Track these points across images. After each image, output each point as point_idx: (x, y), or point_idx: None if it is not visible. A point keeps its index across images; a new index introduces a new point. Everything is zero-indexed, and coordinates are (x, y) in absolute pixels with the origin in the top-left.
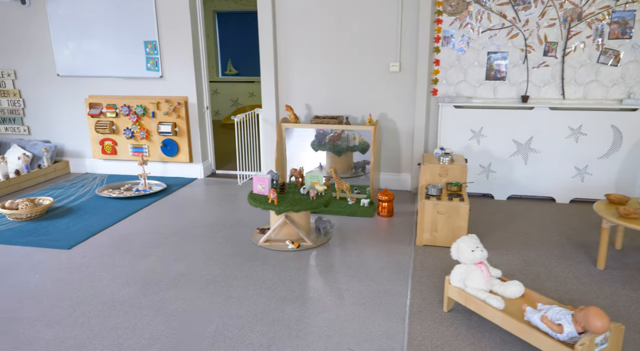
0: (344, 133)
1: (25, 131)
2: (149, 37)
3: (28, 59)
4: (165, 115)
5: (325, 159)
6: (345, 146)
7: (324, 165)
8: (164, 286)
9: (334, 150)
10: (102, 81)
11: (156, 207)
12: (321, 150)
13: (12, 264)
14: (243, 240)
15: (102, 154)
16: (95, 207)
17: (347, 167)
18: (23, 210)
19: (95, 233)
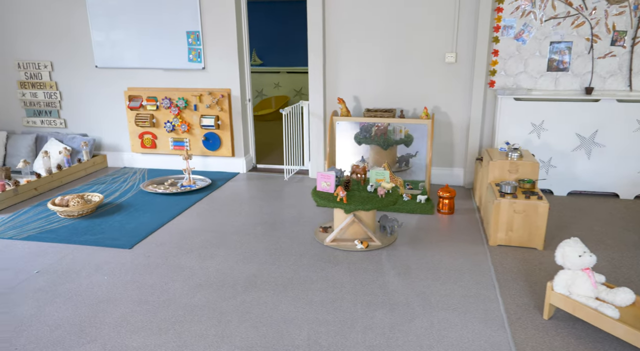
0: (390, 126)
1: (62, 124)
2: (192, 27)
3: (65, 50)
4: (207, 108)
5: (368, 153)
6: (391, 139)
7: (366, 158)
8: (240, 289)
9: (380, 144)
10: (141, 73)
11: (206, 203)
12: (365, 144)
13: (77, 264)
14: (306, 239)
15: (141, 148)
16: (144, 204)
17: (391, 161)
18: (74, 207)
19: (152, 232)
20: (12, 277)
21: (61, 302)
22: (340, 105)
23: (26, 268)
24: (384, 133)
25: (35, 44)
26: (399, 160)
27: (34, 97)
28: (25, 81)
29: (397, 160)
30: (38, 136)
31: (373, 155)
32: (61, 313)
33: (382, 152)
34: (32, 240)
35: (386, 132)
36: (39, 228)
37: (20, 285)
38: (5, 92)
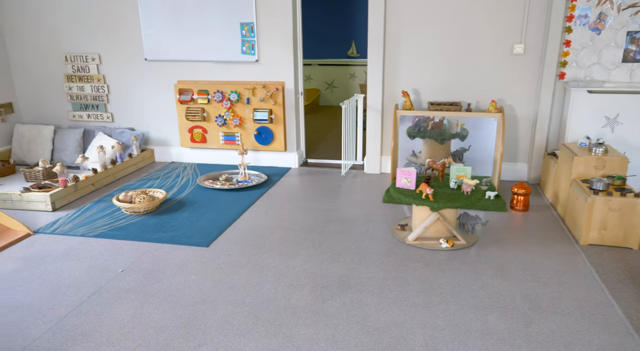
0: (445, 120)
1: (109, 118)
2: (246, 18)
3: (114, 42)
4: (261, 101)
5: (420, 147)
6: (447, 133)
7: (417, 152)
8: (336, 290)
9: (435, 138)
10: (192, 66)
11: (268, 199)
12: (419, 138)
13: (159, 263)
14: (385, 237)
15: (191, 142)
16: (206, 200)
17: (445, 156)
18: (141, 204)
19: (224, 229)
20: (99, 276)
21: (157, 303)
22: (404, 98)
23: (109, 267)
24: (440, 127)
25: (83, 36)
26: (453, 154)
27: (80, 90)
28: (72, 74)
29: (451, 155)
30: (85, 130)
31: (426, 150)
32: (160, 315)
33: (437, 146)
34: (105, 238)
35: (442, 125)
36: (108, 225)
37: (109, 284)
38: (51, 85)
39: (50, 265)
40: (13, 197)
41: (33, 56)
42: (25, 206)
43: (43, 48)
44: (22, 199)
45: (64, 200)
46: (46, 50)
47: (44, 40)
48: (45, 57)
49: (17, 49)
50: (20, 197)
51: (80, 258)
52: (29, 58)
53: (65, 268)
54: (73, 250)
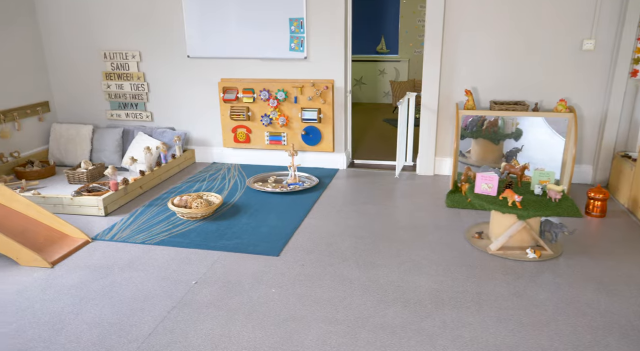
0: (500, 119)
1: (148, 117)
2: (296, 14)
3: (155, 38)
4: (309, 100)
5: (471, 147)
6: (502, 133)
7: (465, 152)
8: (431, 307)
9: (490, 138)
10: (237, 63)
11: (326, 203)
12: (471, 138)
13: (231, 274)
14: (463, 246)
15: (234, 142)
16: (260, 204)
17: (498, 156)
18: (199, 209)
19: (290, 237)
20: (173, 288)
21: (243, 319)
22: (467, 97)
23: (180, 278)
24: (495, 126)
25: (124, 32)
26: (506, 155)
27: (119, 88)
28: (111, 72)
29: (504, 155)
30: (125, 130)
31: (477, 150)
32: (250, 333)
33: (489, 146)
34: (167, 245)
35: (497, 125)
36: (167, 232)
37: (186, 297)
38: (89, 83)
39: (119, 275)
40: (64, 201)
41: (70, 53)
42: (76, 210)
43: (81, 45)
44: (73, 203)
45: (115, 204)
46: (84, 47)
47: (82, 37)
48: (83, 54)
49: (54, 46)
50: (71, 200)
51: (148, 268)
52: (66, 55)
53: (136, 280)
54: (138, 259)
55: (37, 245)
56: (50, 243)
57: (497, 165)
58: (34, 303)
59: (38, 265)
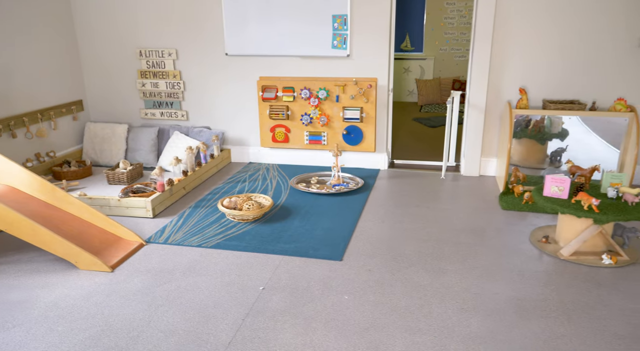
0: (546, 119)
1: (184, 116)
2: (339, 10)
3: (193, 36)
4: (352, 99)
5: (514, 147)
6: (548, 133)
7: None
8: (514, 316)
9: (536, 138)
10: (276, 61)
11: (376, 205)
12: (514, 138)
13: (298, 279)
14: (531, 251)
15: (272, 142)
16: (308, 205)
17: (542, 157)
18: (250, 211)
19: (348, 240)
20: (240, 294)
21: (322, 328)
22: (521, 96)
23: (246, 283)
24: (542, 126)
25: (160, 30)
26: (551, 155)
27: (154, 87)
28: (146, 70)
29: (549, 156)
30: (160, 129)
31: (520, 150)
32: (333, 343)
33: (535, 146)
34: (224, 249)
35: (543, 124)
36: (221, 235)
37: (257, 304)
38: (123, 82)
39: (182, 280)
40: (111, 202)
41: (105, 51)
42: (123, 212)
43: (116, 43)
44: (120, 204)
45: (161, 205)
46: (119, 46)
47: (117, 35)
48: (118, 52)
49: (88, 43)
50: (119, 202)
51: (210, 272)
52: (101, 53)
53: (201, 285)
54: (197, 263)
55: (94, 249)
56: (106, 246)
57: (542, 165)
58: (102, 309)
59: (97, 269)
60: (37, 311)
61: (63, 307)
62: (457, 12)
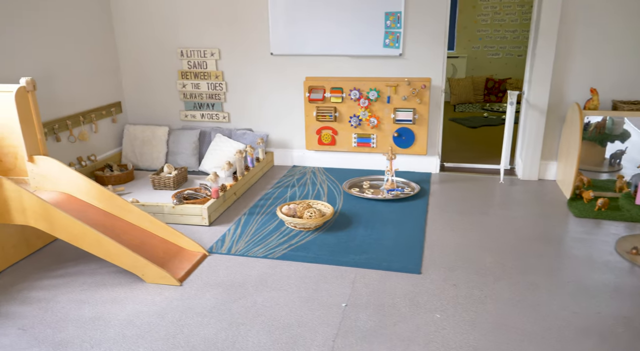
0: (608, 120)
1: (225, 118)
2: (393, 7)
3: (237, 35)
4: (404, 100)
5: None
6: (611, 134)
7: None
8: (629, 339)
9: (597, 140)
10: (324, 60)
11: (437, 212)
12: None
13: (379, 295)
14: (621, 265)
15: (318, 144)
16: (368, 212)
17: (601, 160)
18: (312, 219)
19: (421, 251)
20: (323, 311)
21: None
22: (592, 96)
23: (324, 299)
24: (603, 127)
25: (203, 29)
26: (611, 157)
27: (195, 88)
28: (187, 71)
29: (608, 158)
30: (201, 131)
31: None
32: None
33: (594, 148)
34: (291, 260)
35: (604, 126)
36: (285, 245)
37: (344, 323)
38: (162, 83)
39: (257, 295)
40: (164, 209)
41: (144, 51)
42: (177, 219)
43: (156, 43)
44: (174, 212)
45: (216, 212)
46: (159, 45)
47: (157, 34)
48: (157, 52)
49: (126, 44)
50: (173, 209)
51: (284, 287)
52: (139, 53)
53: (278, 301)
54: (268, 276)
55: (158, 260)
56: (170, 257)
57: (600, 168)
58: (181, 328)
59: (165, 282)
60: (113, 330)
61: (139, 325)
62: (491, 9)
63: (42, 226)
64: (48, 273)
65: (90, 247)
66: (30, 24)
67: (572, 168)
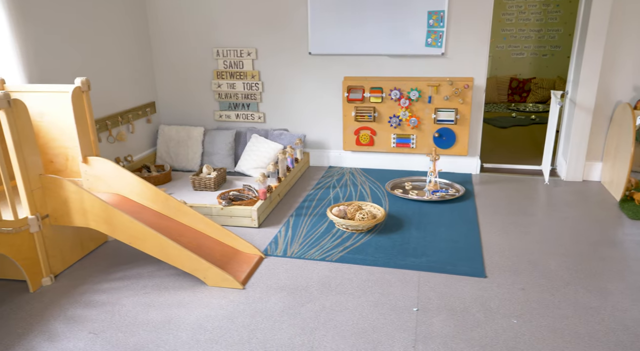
0: None
1: (260, 118)
2: (436, 6)
3: (275, 34)
4: (446, 100)
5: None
6: None
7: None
8: None
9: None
10: (363, 60)
11: (488, 214)
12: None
13: (450, 299)
14: None
15: (355, 145)
16: (418, 214)
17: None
18: (365, 221)
19: (480, 254)
20: (395, 317)
21: None
22: None
23: (393, 303)
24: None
25: (240, 28)
26: None
27: (231, 88)
28: (223, 70)
29: None
30: (237, 132)
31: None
32: None
33: (637, 149)
34: (349, 263)
35: None
36: (340, 247)
37: (420, 329)
38: (197, 83)
39: (324, 299)
40: (213, 211)
41: (178, 51)
42: (225, 221)
43: (191, 42)
44: (222, 213)
45: (264, 214)
46: (194, 45)
47: (192, 34)
48: (192, 52)
49: (160, 43)
50: (222, 210)
51: (349, 290)
52: (174, 53)
53: (346, 305)
54: (330, 279)
55: (217, 263)
56: (228, 260)
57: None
58: (253, 332)
59: (228, 285)
60: (185, 334)
61: (210, 330)
62: (517, 8)
63: (103, 228)
64: (106, 275)
65: (152, 250)
66: (69, 25)
67: (620, 170)
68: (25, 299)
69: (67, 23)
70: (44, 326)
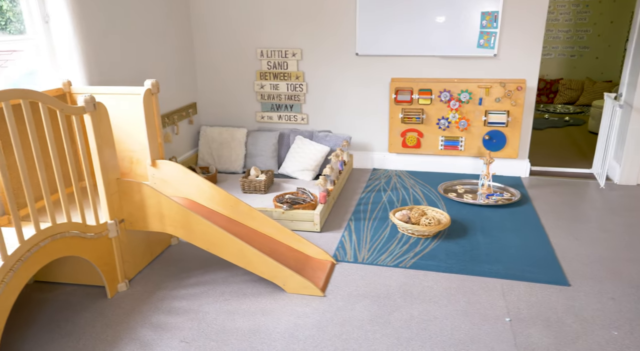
0: None
1: (304, 120)
2: (490, 7)
3: (321, 34)
4: (497, 102)
5: None
6: None
7: None
8: None
9: None
10: (411, 61)
11: (550, 219)
12: None
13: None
14: None
15: (401, 147)
16: (479, 219)
17: None
18: (431, 227)
19: (555, 261)
20: (489, 327)
21: None
22: None
23: (483, 313)
24: None
25: (285, 29)
26: None
27: (274, 89)
28: (266, 71)
29: None
30: (280, 133)
31: None
32: None
33: None
34: (424, 269)
35: None
36: (410, 253)
37: (520, 340)
38: (239, 83)
39: (410, 308)
40: (274, 215)
41: (220, 52)
42: (286, 225)
43: (233, 43)
44: (283, 217)
45: (323, 218)
46: (237, 46)
47: (236, 34)
48: (234, 52)
49: (203, 44)
50: (283, 214)
51: (432, 298)
52: (216, 54)
53: (435, 314)
54: (409, 286)
55: (293, 269)
56: (302, 265)
57: None
58: (348, 342)
59: (308, 292)
60: (279, 344)
61: (303, 339)
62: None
63: (180, 233)
64: (180, 281)
65: (231, 256)
66: (121, 27)
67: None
68: (104, 305)
69: (120, 24)
70: (132, 333)
